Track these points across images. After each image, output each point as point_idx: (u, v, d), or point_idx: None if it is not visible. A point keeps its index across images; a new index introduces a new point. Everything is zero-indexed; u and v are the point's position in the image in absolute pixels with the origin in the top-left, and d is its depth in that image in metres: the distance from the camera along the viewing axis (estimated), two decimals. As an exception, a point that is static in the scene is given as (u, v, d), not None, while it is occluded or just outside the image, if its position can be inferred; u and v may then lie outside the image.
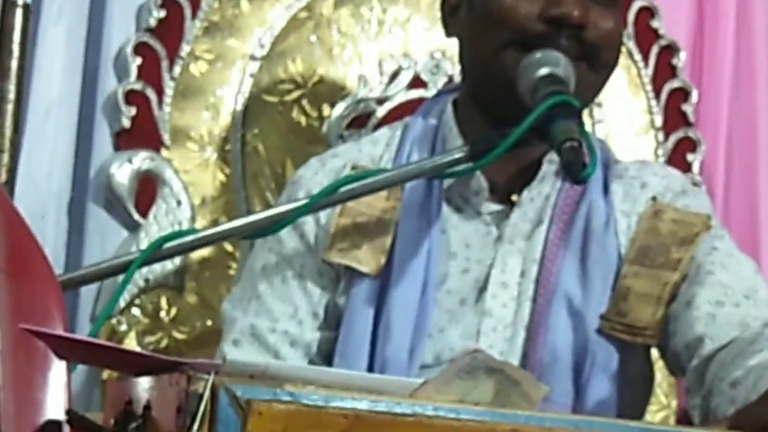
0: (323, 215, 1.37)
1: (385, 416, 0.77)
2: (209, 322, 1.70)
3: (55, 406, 1.01)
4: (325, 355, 1.36)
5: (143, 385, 0.91)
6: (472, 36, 1.36)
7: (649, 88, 1.87)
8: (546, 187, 1.37)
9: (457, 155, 1.25)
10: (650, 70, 1.87)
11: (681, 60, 1.88)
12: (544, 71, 1.26)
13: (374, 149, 1.42)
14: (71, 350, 0.97)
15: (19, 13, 1.37)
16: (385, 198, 1.35)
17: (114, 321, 1.67)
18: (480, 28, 1.34)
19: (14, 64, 1.34)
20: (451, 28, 1.40)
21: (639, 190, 1.39)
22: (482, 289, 1.34)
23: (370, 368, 1.31)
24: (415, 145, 1.39)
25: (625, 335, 1.31)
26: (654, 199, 1.38)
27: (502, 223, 1.36)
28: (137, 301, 1.68)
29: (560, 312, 1.30)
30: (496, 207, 1.37)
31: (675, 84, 1.88)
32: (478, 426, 0.78)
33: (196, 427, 0.78)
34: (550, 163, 1.36)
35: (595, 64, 1.32)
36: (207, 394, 0.79)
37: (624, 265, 1.34)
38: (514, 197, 1.37)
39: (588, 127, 1.72)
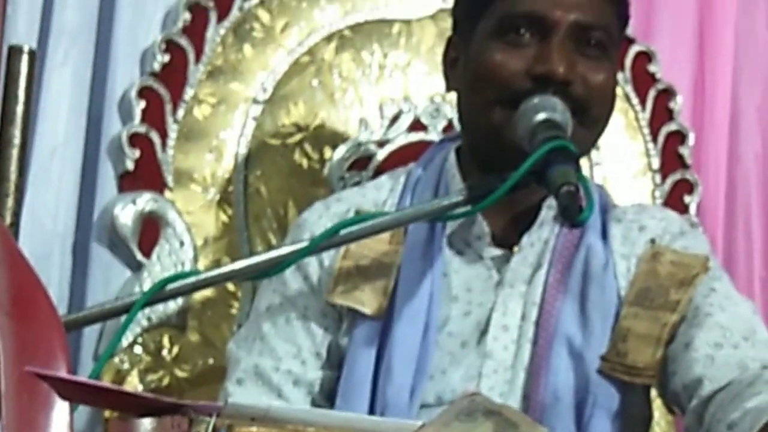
0: (327, 258, 1.38)
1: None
2: (211, 360, 1.71)
3: (58, 446, 1.02)
4: (328, 395, 1.37)
5: (146, 426, 0.92)
6: (466, 91, 1.38)
7: (646, 131, 1.88)
8: (545, 232, 1.39)
9: (456, 199, 1.26)
10: (647, 114, 1.88)
11: (678, 103, 1.89)
12: (541, 116, 1.27)
13: (378, 194, 1.44)
14: (74, 392, 0.98)
15: (24, 59, 1.39)
16: (387, 242, 1.36)
17: (116, 359, 1.68)
18: (472, 85, 1.36)
19: (20, 109, 1.36)
20: (450, 81, 1.42)
21: (637, 233, 1.41)
22: (483, 332, 1.35)
23: (372, 408, 1.32)
24: (418, 191, 1.41)
25: (625, 376, 1.32)
26: (653, 241, 1.39)
27: (503, 268, 1.37)
28: (140, 340, 1.69)
29: (561, 353, 1.31)
30: (497, 252, 1.38)
31: (672, 127, 1.89)
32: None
33: (198, 468, 0.79)
34: (549, 208, 1.38)
35: (585, 119, 1.33)
36: (209, 436, 0.80)
37: (623, 307, 1.35)
38: (515, 248, 1.38)
39: (585, 170, 1.74)
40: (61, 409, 1.03)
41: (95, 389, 0.94)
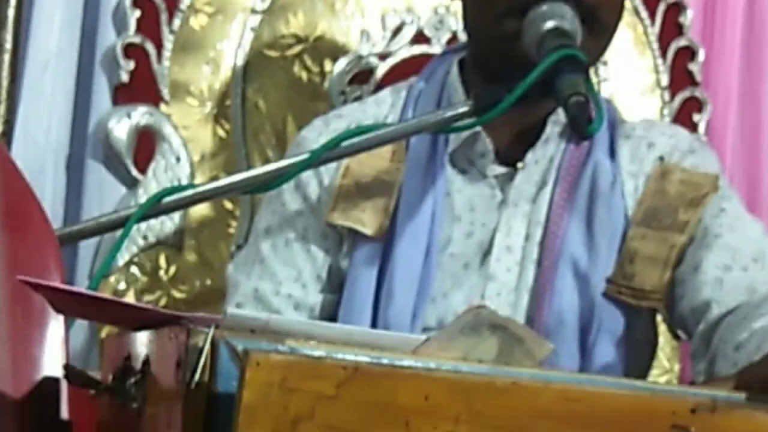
0: (326, 177, 1.36)
1: (383, 368, 0.76)
2: (208, 281, 1.70)
3: (52, 361, 1.01)
4: (329, 318, 1.35)
5: (142, 340, 0.90)
6: (473, 2, 1.35)
7: (655, 46, 1.85)
8: (550, 148, 1.36)
9: (461, 110, 1.23)
10: (657, 28, 1.85)
11: (688, 18, 1.86)
12: (550, 24, 1.24)
13: (379, 109, 1.41)
14: (68, 304, 0.96)
15: (17, -37, 1.35)
16: (389, 159, 1.34)
17: (112, 279, 1.67)
18: None
19: (11, 13, 1.32)
20: None
21: (646, 150, 1.38)
22: (486, 252, 1.33)
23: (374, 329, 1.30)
24: (420, 105, 1.38)
25: (631, 299, 1.30)
26: (661, 159, 1.36)
27: (507, 186, 1.35)
28: (136, 260, 1.68)
29: (566, 275, 1.29)
30: (501, 170, 1.35)
31: (682, 42, 1.86)
32: (476, 379, 0.77)
33: (195, 380, 0.77)
34: (555, 124, 1.35)
35: (595, 27, 1.30)
36: (207, 347, 0.78)
37: (631, 227, 1.32)
38: (519, 164, 1.35)
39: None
40: (56, 324, 1.01)
41: (90, 300, 0.92)
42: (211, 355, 0.78)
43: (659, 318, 1.39)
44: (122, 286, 1.67)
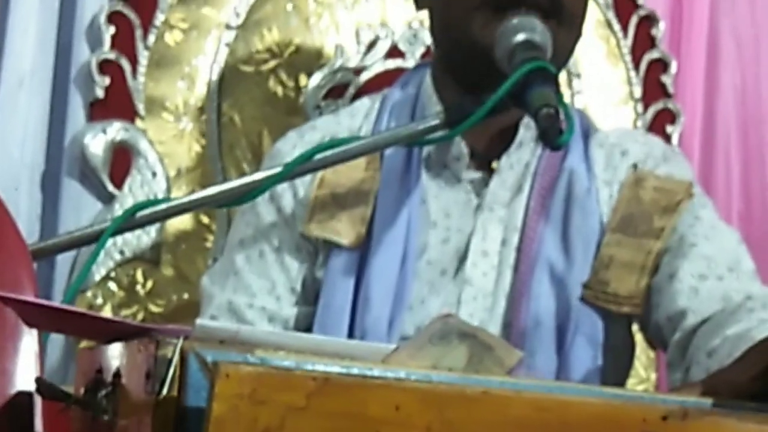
0: (301, 188, 1.36)
1: (354, 379, 0.76)
2: (185, 295, 1.69)
3: (25, 375, 1.00)
4: (304, 330, 1.35)
5: (113, 352, 0.90)
6: (441, 3, 1.35)
7: (628, 59, 1.86)
8: (525, 153, 1.36)
9: (433, 122, 1.24)
10: (629, 41, 1.86)
11: (660, 30, 1.87)
12: (520, 37, 1.25)
13: (352, 121, 1.41)
14: (40, 317, 0.96)
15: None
16: (363, 168, 1.34)
17: (89, 294, 1.66)
18: None
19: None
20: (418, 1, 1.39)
21: (620, 157, 1.39)
22: (462, 258, 1.33)
23: (350, 339, 1.30)
24: (394, 115, 1.38)
25: (608, 304, 1.30)
26: (635, 166, 1.37)
27: (482, 191, 1.35)
28: (113, 275, 1.67)
29: (542, 279, 1.30)
30: (475, 174, 1.36)
31: (654, 55, 1.87)
32: (447, 389, 0.77)
33: (165, 392, 0.77)
34: (527, 128, 1.35)
35: (564, 17, 1.30)
36: (176, 358, 0.78)
37: (606, 234, 1.33)
38: (494, 164, 1.36)
39: (567, 98, 1.72)
40: (29, 338, 1.01)
41: (60, 313, 0.92)
42: (181, 366, 0.78)
43: (636, 327, 1.40)
44: (99, 300, 1.67)
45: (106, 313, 1.66)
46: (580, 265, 1.31)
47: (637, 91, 1.86)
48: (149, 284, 1.69)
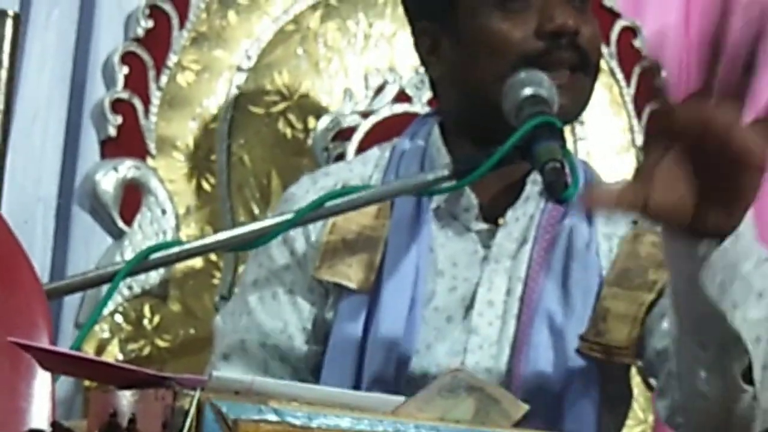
0: (313, 233, 1.38)
1: (367, 435, 0.78)
2: (192, 330, 1.71)
3: (39, 415, 1.02)
4: (313, 369, 1.37)
5: (128, 397, 0.92)
6: (465, 68, 1.36)
7: (630, 107, 1.87)
8: (530, 207, 1.39)
9: (441, 174, 1.26)
10: (632, 90, 1.88)
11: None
12: (528, 91, 1.27)
13: (364, 169, 1.43)
14: (56, 362, 0.97)
15: (9, 23, 1.37)
16: (374, 216, 1.36)
17: (97, 328, 1.67)
18: (474, 60, 1.34)
19: (4, 74, 1.34)
20: (434, 67, 1.41)
21: (621, 213, 1.41)
22: (469, 307, 1.35)
23: (357, 382, 1.32)
24: (403, 166, 1.40)
25: (602, 355, 1.32)
26: (635, 223, 1.39)
27: (489, 242, 1.37)
28: (121, 309, 1.68)
29: (542, 330, 1.32)
30: (483, 226, 1.38)
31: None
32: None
33: (181, 442, 0.79)
34: (534, 183, 1.38)
35: (589, 68, 1.34)
36: (193, 410, 0.80)
37: (604, 287, 1.35)
38: (500, 221, 1.38)
39: (570, 145, 1.73)
40: (42, 378, 1.03)
41: (77, 360, 0.94)
42: (197, 417, 0.80)
43: (633, 371, 1.42)
44: (106, 334, 1.68)
45: (113, 346, 1.67)
46: (580, 316, 1.33)
47: (639, 139, 1.88)
48: (156, 319, 1.70)
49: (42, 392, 1.03)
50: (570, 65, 1.32)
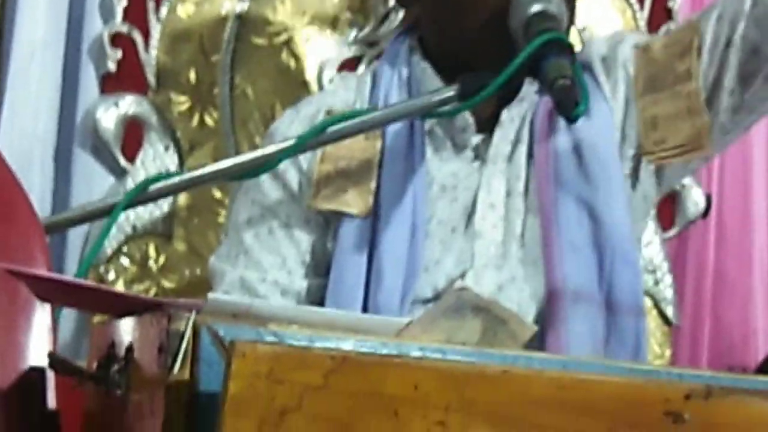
0: (305, 163, 1.36)
1: (372, 357, 0.75)
2: (198, 271, 1.69)
3: (39, 350, 1.00)
4: (317, 303, 1.35)
5: (126, 327, 0.90)
6: None
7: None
8: (525, 107, 1.36)
9: (447, 94, 1.23)
10: (646, 13, 1.85)
11: (677, 2, 1.86)
12: (536, 8, 1.24)
13: (346, 94, 1.41)
14: (52, 291, 0.96)
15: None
16: (363, 138, 1.34)
17: (101, 269, 1.66)
18: None
19: (-4, 6, 1.32)
20: None
21: (618, 47, 1.37)
22: (471, 214, 1.34)
23: (364, 311, 1.30)
24: (392, 89, 1.38)
25: (678, 157, 1.29)
26: (636, 47, 1.36)
27: (485, 154, 1.35)
28: (125, 249, 1.67)
29: (568, 203, 1.30)
30: (479, 137, 1.36)
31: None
32: (467, 368, 0.76)
33: (177, 366, 0.77)
34: (530, 84, 1.34)
35: None
36: (188, 332, 0.77)
37: (637, 101, 1.32)
38: (502, 116, 1.35)
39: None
40: (42, 312, 1.01)
41: (72, 287, 0.91)
42: (193, 340, 0.77)
43: (650, 304, 1.39)
44: (111, 276, 1.67)
45: (119, 288, 1.66)
46: (604, 182, 1.31)
47: (652, 63, 1.85)
48: (161, 259, 1.69)
49: (42, 327, 1.02)
50: None
